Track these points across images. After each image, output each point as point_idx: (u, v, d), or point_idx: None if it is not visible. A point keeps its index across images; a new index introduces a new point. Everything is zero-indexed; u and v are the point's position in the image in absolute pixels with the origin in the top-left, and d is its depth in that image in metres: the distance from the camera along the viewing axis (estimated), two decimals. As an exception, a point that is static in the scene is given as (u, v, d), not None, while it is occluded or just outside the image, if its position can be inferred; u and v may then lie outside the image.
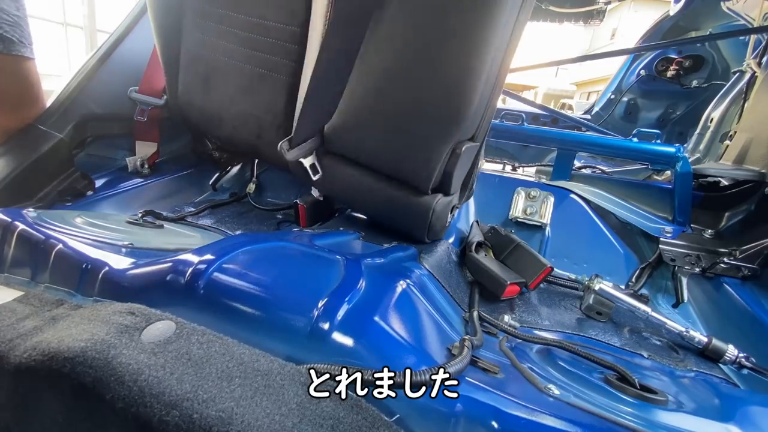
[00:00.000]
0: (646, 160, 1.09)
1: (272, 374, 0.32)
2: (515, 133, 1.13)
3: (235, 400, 0.29)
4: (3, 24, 0.74)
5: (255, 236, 0.60)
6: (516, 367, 0.48)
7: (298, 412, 0.30)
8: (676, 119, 2.11)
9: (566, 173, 1.13)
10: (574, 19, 2.43)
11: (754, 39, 1.28)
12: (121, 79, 0.98)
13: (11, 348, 0.36)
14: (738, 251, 0.86)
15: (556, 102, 5.90)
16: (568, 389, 0.45)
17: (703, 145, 1.36)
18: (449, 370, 0.38)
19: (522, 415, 0.38)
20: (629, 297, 0.74)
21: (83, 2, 6.16)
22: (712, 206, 1.01)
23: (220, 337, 0.38)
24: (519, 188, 1.03)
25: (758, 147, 1.01)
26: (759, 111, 1.09)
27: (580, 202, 1.01)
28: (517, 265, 0.80)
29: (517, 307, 0.75)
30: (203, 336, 0.37)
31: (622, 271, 0.94)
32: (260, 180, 1.16)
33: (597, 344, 0.66)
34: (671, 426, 0.42)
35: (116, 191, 0.94)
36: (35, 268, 0.53)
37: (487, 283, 0.75)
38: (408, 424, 0.37)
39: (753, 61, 1.20)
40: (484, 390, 0.40)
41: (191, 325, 0.39)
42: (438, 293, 0.62)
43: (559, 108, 3.29)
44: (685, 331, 0.68)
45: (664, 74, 2.04)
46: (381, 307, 0.46)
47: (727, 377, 0.63)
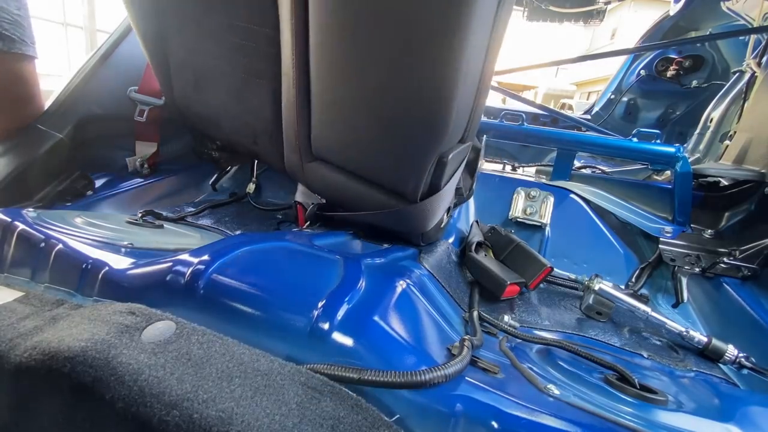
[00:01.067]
0: (646, 160, 1.09)
1: (272, 374, 0.33)
2: (515, 133, 1.13)
3: (235, 400, 0.29)
4: (3, 22, 0.74)
5: (254, 236, 0.60)
6: (516, 367, 0.48)
7: (298, 412, 0.30)
8: (676, 119, 2.11)
9: (566, 173, 1.13)
10: (574, 19, 2.43)
11: (754, 39, 1.28)
12: (121, 79, 0.98)
13: (11, 348, 0.36)
14: (738, 251, 0.86)
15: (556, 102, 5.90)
16: (568, 389, 0.45)
17: (703, 145, 1.36)
18: (449, 370, 0.38)
19: (522, 415, 0.38)
20: (629, 297, 0.74)
21: (83, 2, 6.16)
22: (712, 206, 1.01)
23: (220, 337, 0.38)
24: (519, 188, 1.03)
25: (758, 147, 1.01)
26: (759, 111, 1.09)
27: (580, 202, 1.01)
28: (517, 265, 0.80)
29: (517, 307, 0.75)
30: (203, 336, 0.37)
31: (622, 271, 0.94)
32: (260, 180, 1.16)
33: (597, 344, 0.66)
34: (671, 426, 0.42)
35: (116, 191, 0.94)
36: (35, 268, 0.53)
37: (487, 283, 0.75)
38: (408, 424, 0.37)
39: (753, 61, 1.20)
40: (484, 390, 0.40)
41: (191, 325, 0.39)
42: (438, 293, 0.62)
43: (559, 108, 3.29)
44: (685, 331, 0.68)
45: (664, 74, 2.04)
46: (381, 307, 0.46)
47: (727, 377, 0.63)
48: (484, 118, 1.60)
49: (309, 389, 0.33)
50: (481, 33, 0.54)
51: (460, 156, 0.70)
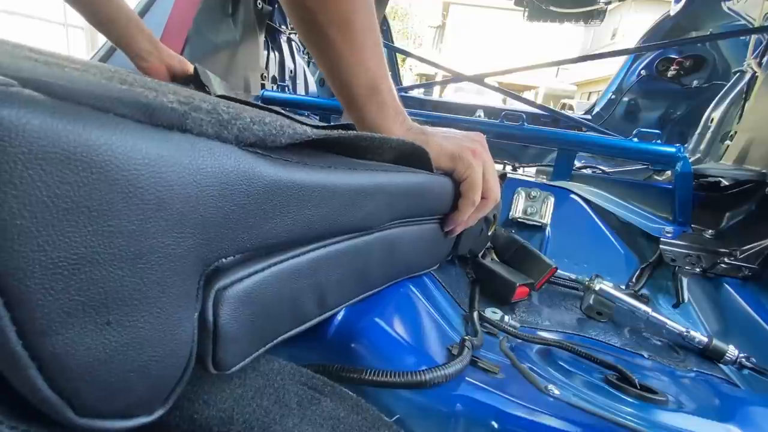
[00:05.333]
0: (647, 160, 1.09)
1: (272, 374, 0.33)
2: (515, 133, 1.13)
3: (235, 400, 0.29)
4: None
5: None
6: (516, 367, 0.48)
7: (298, 412, 0.30)
8: (677, 119, 2.10)
9: (566, 173, 1.13)
10: (574, 19, 2.43)
11: (755, 39, 1.28)
12: (121, 80, 0.98)
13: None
14: (739, 251, 0.86)
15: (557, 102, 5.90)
16: (569, 389, 0.45)
17: (704, 145, 1.36)
18: (449, 370, 0.38)
19: (522, 415, 0.38)
20: (630, 297, 0.74)
21: (84, 3, 6.16)
22: (712, 206, 1.01)
23: None
24: (519, 188, 1.03)
25: (759, 147, 1.01)
26: (759, 111, 1.08)
27: (581, 202, 1.01)
28: (522, 266, 0.80)
29: (518, 307, 0.75)
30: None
31: (623, 272, 0.94)
32: None
33: (597, 344, 0.66)
34: (672, 426, 0.42)
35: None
36: None
37: (495, 286, 0.74)
38: (408, 424, 0.37)
39: (753, 61, 1.20)
40: (484, 390, 0.40)
41: None
42: (438, 293, 0.62)
43: (559, 108, 3.28)
44: (685, 331, 0.68)
45: (664, 74, 2.03)
46: (381, 307, 0.46)
47: (728, 377, 0.63)
48: (484, 118, 1.60)
49: (309, 389, 0.33)
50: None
51: None
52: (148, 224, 0.19)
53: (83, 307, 0.17)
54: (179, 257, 0.21)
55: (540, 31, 13.59)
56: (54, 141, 0.15)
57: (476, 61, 16.36)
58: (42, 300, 0.16)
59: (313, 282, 0.34)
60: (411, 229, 0.49)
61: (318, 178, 0.29)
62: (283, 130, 0.25)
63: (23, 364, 0.16)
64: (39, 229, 0.15)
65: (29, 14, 6.25)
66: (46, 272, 0.16)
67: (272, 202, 0.26)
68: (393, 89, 0.51)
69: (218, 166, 0.21)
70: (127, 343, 0.19)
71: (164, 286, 0.20)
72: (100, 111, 0.17)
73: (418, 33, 24.36)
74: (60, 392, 0.18)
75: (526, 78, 14.84)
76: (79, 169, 0.16)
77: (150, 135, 0.18)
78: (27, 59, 0.22)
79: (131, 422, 0.22)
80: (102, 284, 0.18)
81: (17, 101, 0.14)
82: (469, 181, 0.52)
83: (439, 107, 2.07)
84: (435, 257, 0.62)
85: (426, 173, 0.46)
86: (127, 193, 0.17)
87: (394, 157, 0.42)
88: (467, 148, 0.52)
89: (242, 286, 0.26)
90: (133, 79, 0.26)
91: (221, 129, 0.22)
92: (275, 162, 0.25)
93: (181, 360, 0.23)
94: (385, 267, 0.47)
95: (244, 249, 0.25)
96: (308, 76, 1.82)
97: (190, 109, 0.20)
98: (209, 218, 0.22)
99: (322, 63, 0.49)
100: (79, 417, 0.19)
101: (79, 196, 0.16)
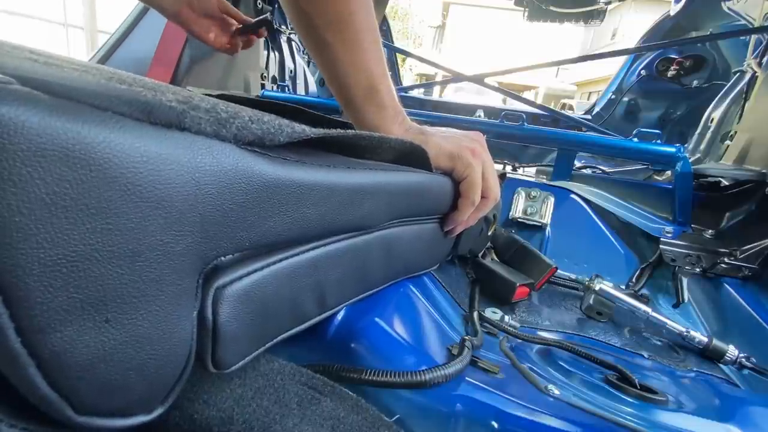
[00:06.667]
0: (647, 160, 1.09)
1: (272, 374, 0.32)
2: (515, 133, 1.13)
3: (235, 399, 0.29)
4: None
5: None
6: (516, 367, 0.48)
7: (298, 412, 0.30)
8: (677, 119, 2.10)
9: (566, 173, 1.13)
10: (574, 20, 2.43)
11: (755, 39, 1.28)
12: (121, 80, 0.98)
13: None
14: (739, 251, 0.86)
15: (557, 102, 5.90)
16: (569, 389, 0.45)
17: (704, 145, 1.36)
18: (450, 370, 0.38)
19: (522, 415, 0.38)
20: (630, 297, 0.74)
21: (84, 2, 6.17)
22: (712, 206, 1.01)
23: None
24: (519, 188, 1.03)
25: (759, 147, 1.01)
26: (759, 111, 1.08)
27: (581, 202, 1.01)
28: (522, 265, 0.80)
29: (518, 307, 0.75)
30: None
31: (623, 272, 0.94)
32: None
33: (597, 344, 0.66)
34: (672, 426, 0.42)
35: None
36: None
37: (495, 287, 0.74)
38: (408, 424, 0.37)
39: (753, 61, 1.20)
40: (484, 390, 0.40)
41: None
42: (438, 293, 0.62)
43: (559, 108, 3.29)
44: (685, 331, 0.68)
45: (664, 74, 2.03)
46: (381, 307, 0.46)
47: (728, 377, 0.63)
48: (484, 118, 1.60)
49: (309, 389, 0.33)
50: None
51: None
52: (146, 222, 0.18)
53: (82, 305, 0.17)
54: (178, 255, 0.21)
55: (540, 31, 13.59)
56: (53, 138, 0.15)
57: (476, 61, 16.35)
58: (41, 297, 0.16)
59: (313, 281, 0.34)
60: (410, 229, 0.49)
61: (317, 176, 0.29)
62: (282, 128, 0.25)
63: (22, 362, 0.16)
64: (38, 227, 0.15)
65: (29, 14, 6.26)
66: (44, 269, 0.16)
67: (271, 201, 0.25)
68: (392, 89, 0.50)
69: (216, 165, 0.21)
70: (126, 340, 0.19)
71: (163, 283, 0.20)
72: (98, 109, 0.17)
73: (418, 33, 24.35)
74: (59, 390, 0.18)
75: (526, 78, 14.84)
76: (78, 167, 0.16)
77: (148, 133, 0.18)
78: (27, 59, 0.22)
79: (130, 421, 0.22)
80: (101, 282, 0.18)
81: (16, 99, 0.14)
82: (469, 181, 0.52)
83: (439, 107, 2.07)
84: (435, 257, 0.62)
85: (425, 173, 0.46)
86: (126, 190, 0.17)
87: (393, 156, 0.42)
88: (466, 148, 0.52)
89: (241, 285, 0.26)
90: (132, 79, 0.26)
91: (219, 127, 0.22)
92: (274, 161, 0.25)
93: (180, 358, 0.23)
94: (385, 267, 0.47)
95: (243, 247, 0.25)
96: (308, 76, 1.82)
97: (188, 107, 0.20)
98: (208, 216, 0.22)
99: (320, 64, 0.49)
100: (78, 415, 0.19)
101: (77, 194, 0.16)
